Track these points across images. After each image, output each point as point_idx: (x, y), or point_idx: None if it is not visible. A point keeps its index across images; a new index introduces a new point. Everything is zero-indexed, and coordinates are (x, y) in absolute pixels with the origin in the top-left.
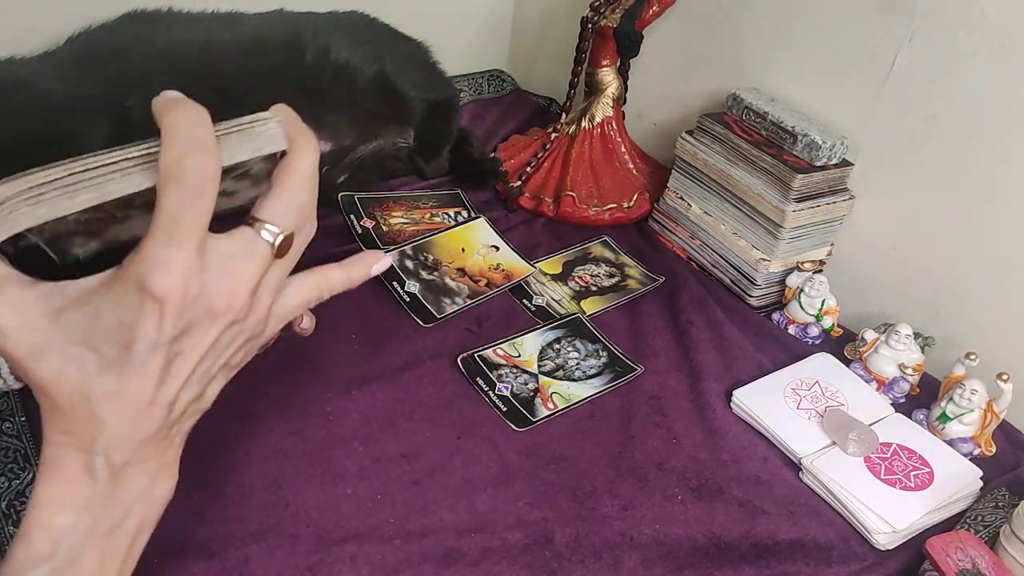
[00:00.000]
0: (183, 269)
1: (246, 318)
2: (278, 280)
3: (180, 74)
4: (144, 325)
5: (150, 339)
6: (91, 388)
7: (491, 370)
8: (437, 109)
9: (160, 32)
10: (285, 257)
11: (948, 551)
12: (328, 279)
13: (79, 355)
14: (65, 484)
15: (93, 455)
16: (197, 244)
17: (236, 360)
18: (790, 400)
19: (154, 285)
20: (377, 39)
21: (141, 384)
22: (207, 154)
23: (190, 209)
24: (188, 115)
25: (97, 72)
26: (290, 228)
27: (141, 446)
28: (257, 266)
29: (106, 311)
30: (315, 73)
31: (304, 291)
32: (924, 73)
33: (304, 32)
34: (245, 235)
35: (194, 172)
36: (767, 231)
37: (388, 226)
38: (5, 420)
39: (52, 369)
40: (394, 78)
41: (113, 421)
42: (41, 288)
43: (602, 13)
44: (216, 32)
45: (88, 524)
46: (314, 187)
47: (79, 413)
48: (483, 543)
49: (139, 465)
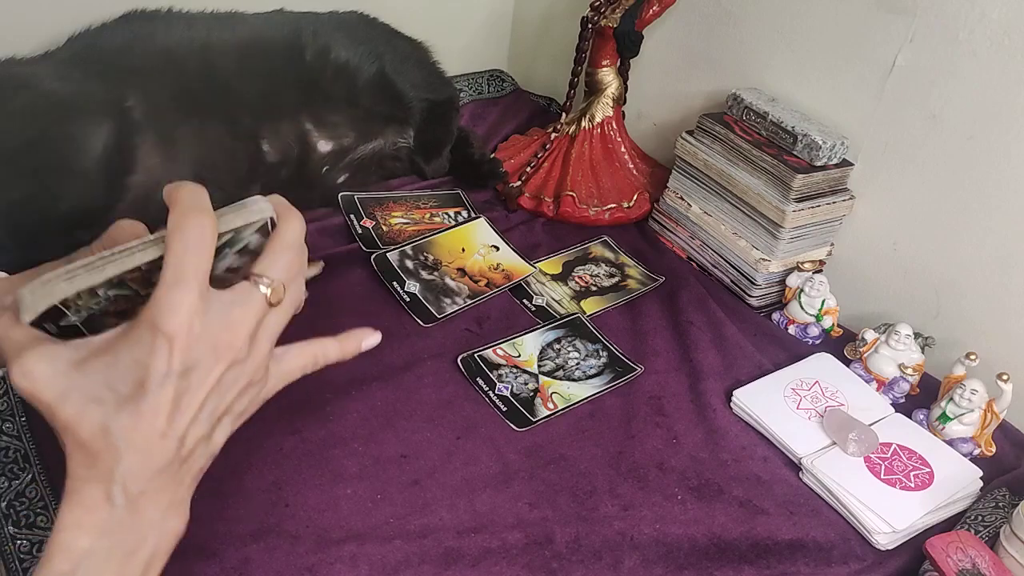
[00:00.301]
0: (189, 309)
1: (246, 360)
2: (274, 328)
3: (180, 74)
4: (156, 360)
5: (161, 372)
6: (110, 424)
7: (491, 370)
8: (437, 109)
9: (160, 32)
10: (279, 307)
11: (948, 551)
12: (324, 349)
13: (100, 395)
14: (85, 511)
15: (112, 484)
16: (200, 287)
17: (240, 406)
18: (790, 400)
19: (164, 322)
20: (377, 39)
21: (154, 417)
22: (205, 214)
23: (192, 258)
24: (189, 188)
25: (97, 72)
26: (281, 281)
27: (155, 477)
28: (254, 312)
29: (123, 353)
30: (315, 73)
31: (303, 356)
32: (924, 73)
33: (304, 32)
34: (243, 287)
35: (194, 227)
36: (767, 231)
37: (388, 226)
38: (5, 420)
39: (75, 409)
40: (394, 78)
41: (129, 453)
42: (69, 344)
43: (602, 13)
44: (216, 32)
45: (106, 547)
46: (301, 252)
47: (99, 447)
48: (483, 543)
49: (153, 497)
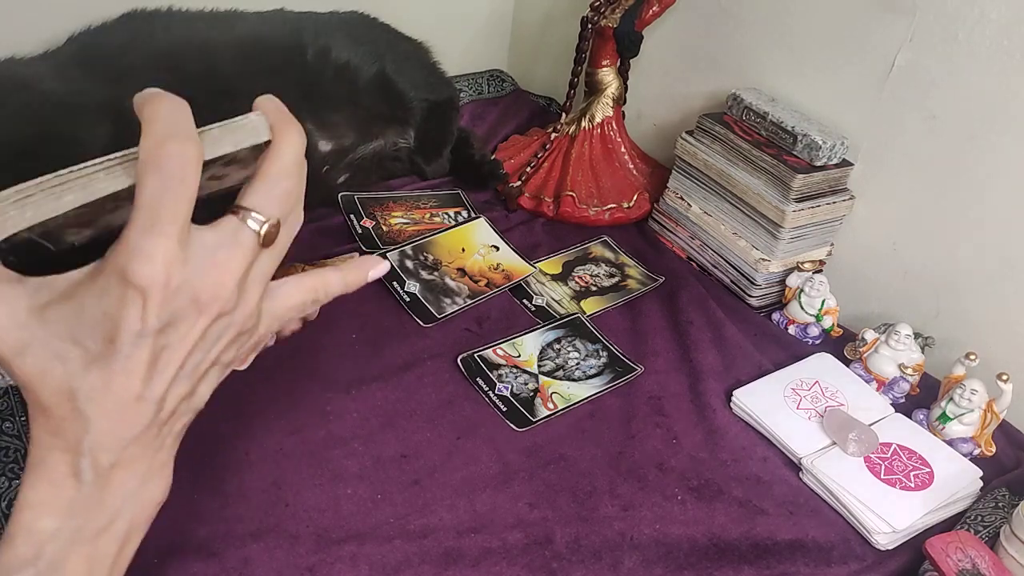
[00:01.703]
0: (165, 258)
1: (234, 310)
2: (267, 271)
3: (180, 74)
4: (127, 316)
5: (134, 330)
6: (76, 385)
7: (491, 370)
8: (437, 109)
9: (160, 32)
10: (272, 247)
11: (948, 551)
12: (325, 281)
13: (63, 351)
14: (50, 487)
15: (79, 456)
16: (179, 232)
17: (228, 357)
18: (790, 400)
19: (135, 274)
20: (377, 39)
21: (127, 379)
22: (187, 141)
23: (171, 197)
24: (167, 105)
25: (97, 72)
26: (275, 216)
27: (129, 446)
28: (243, 256)
29: (90, 304)
30: (315, 73)
31: (300, 292)
32: (924, 73)
33: (304, 32)
34: (229, 224)
35: (174, 159)
36: (767, 231)
37: (388, 226)
38: (5, 420)
39: (36, 366)
40: (394, 78)
41: (99, 419)
42: (28, 284)
43: (602, 13)
44: (216, 32)
45: (73, 528)
46: (300, 174)
47: (64, 412)
48: (483, 543)
49: (127, 467)
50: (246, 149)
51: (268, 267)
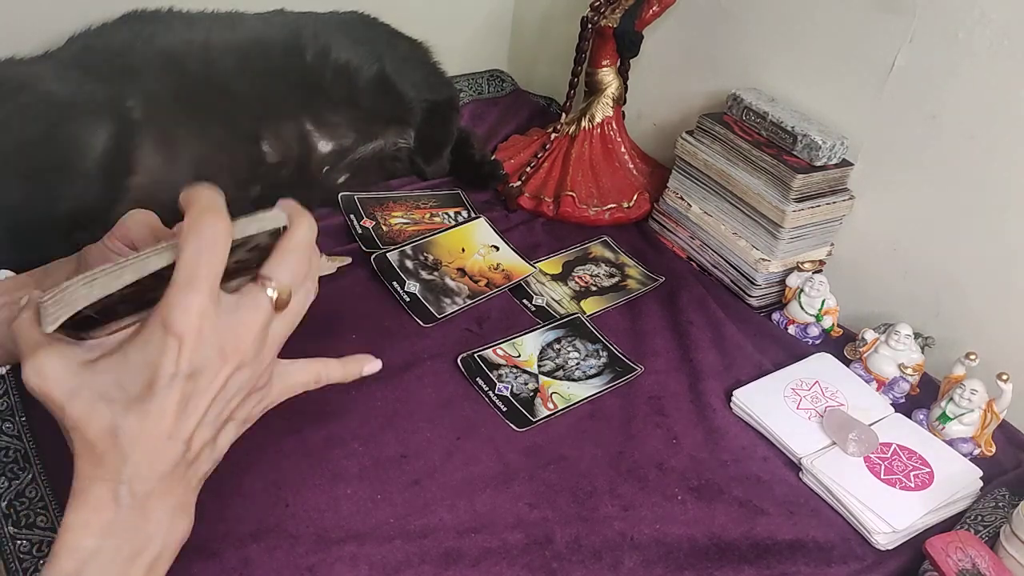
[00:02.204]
0: (199, 309)
1: (251, 364)
2: (280, 334)
3: (180, 74)
4: (165, 360)
5: (169, 372)
6: (118, 424)
7: (491, 370)
8: (437, 109)
9: (160, 32)
10: (286, 312)
11: (948, 551)
12: (327, 369)
13: (109, 395)
14: (91, 511)
15: (119, 484)
16: (210, 290)
17: (243, 414)
18: (790, 400)
19: (175, 323)
20: (377, 39)
21: (160, 418)
22: (220, 216)
23: (205, 260)
24: (206, 191)
25: (97, 72)
26: (287, 286)
27: (161, 480)
28: (261, 317)
29: (134, 354)
30: (315, 73)
31: (306, 372)
32: (924, 73)
33: (304, 32)
34: (250, 289)
35: (209, 229)
36: (767, 231)
37: (388, 226)
38: (5, 420)
39: (85, 408)
40: (394, 78)
41: (136, 454)
42: (83, 344)
43: (602, 13)
44: (216, 32)
45: (111, 548)
46: (311, 255)
47: (107, 447)
48: (483, 543)
49: (160, 498)
50: (268, 238)
51: (281, 330)
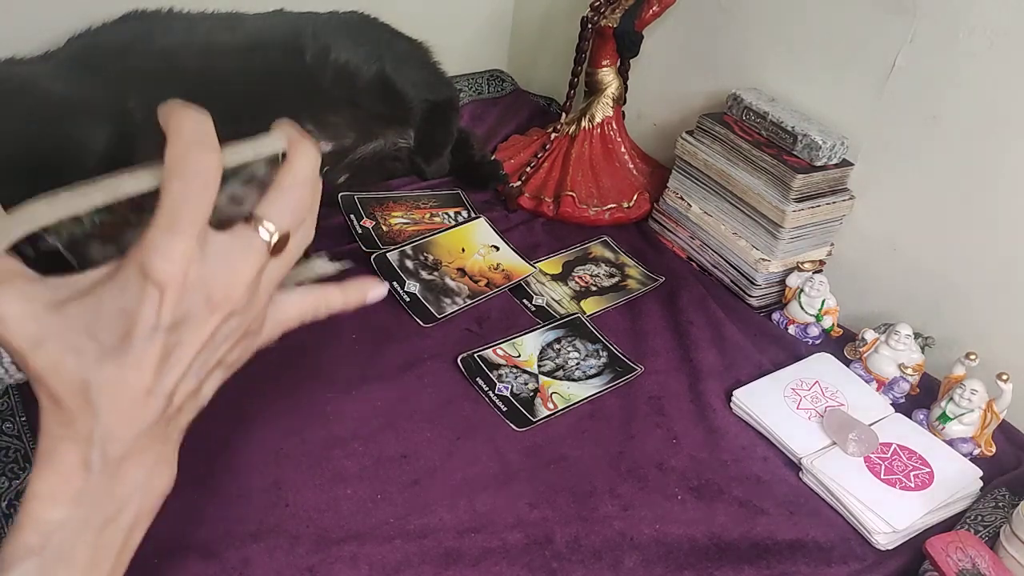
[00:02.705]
0: (183, 256)
1: (243, 312)
2: (275, 278)
3: (180, 74)
4: (144, 310)
5: (149, 324)
6: (89, 377)
7: (491, 370)
8: (437, 110)
9: (160, 32)
10: (282, 255)
11: (948, 551)
12: (326, 297)
13: (79, 344)
14: (59, 478)
15: (90, 447)
16: (197, 234)
17: (233, 357)
18: (790, 400)
19: (155, 270)
20: (377, 39)
21: (139, 373)
22: (208, 149)
23: (191, 200)
24: (192, 116)
25: (98, 73)
26: (286, 227)
27: (138, 439)
28: (254, 261)
29: (108, 299)
30: (315, 73)
31: (302, 304)
32: (924, 73)
33: (304, 32)
34: (243, 231)
35: (196, 166)
36: (767, 231)
37: (388, 226)
38: (5, 420)
39: (51, 358)
40: (394, 78)
41: (110, 412)
42: (48, 282)
43: (602, 13)
44: (216, 32)
45: (80, 519)
46: (313, 188)
47: (77, 403)
48: (483, 543)
49: (136, 458)
50: (265, 167)
51: (277, 274)
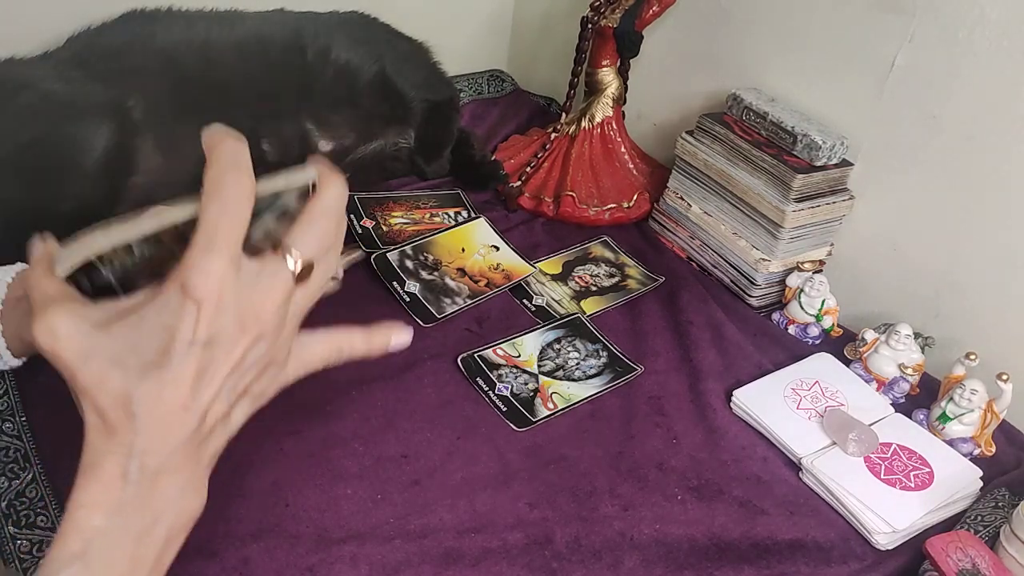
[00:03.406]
0: (219, 274)
1: (271, 338)
2: (301, 307)
3: (180, 74)
4: (182, 326)
5: (187, 339)
6: (131, 391)
7: (491, 370)
8: (438, 109)
9: (160, 32)
10: (306, 284)
11: (948, 551)
12: (350, 341)
13: (123, 360)
14: (101, 487)
15: (129, 459)
16: (232, 254)
17: (259, 388)
18: (790, 400)
19: (193, 287)
20: (377, 39)
21: (176, 387)
22: (243, 174)
23: (227, 222)
24: (230, 143)
25: (97, 72)
26: (310, 255)
27: (173, 454)
28: (282, 288)
29: (151, 317)
30: (315, 73)
31: (327, 344)
32: (924, 73)
33: (304, 32)
34: (272, 258)
35: (232, 189)
36: (767, 231)
37: (388, 226)
38: (5, 420)
39: (97, 373)
40: (394, 78)
41: (150, 425)
42: (97, 305)
43: (602, 13)
44: (216, 32)
45: (120, 527)
46: (340, 221)
47: (119, 416)
48: (483, 543)
49: (171, 474)
50: (295, 201)
51: (302, 304)
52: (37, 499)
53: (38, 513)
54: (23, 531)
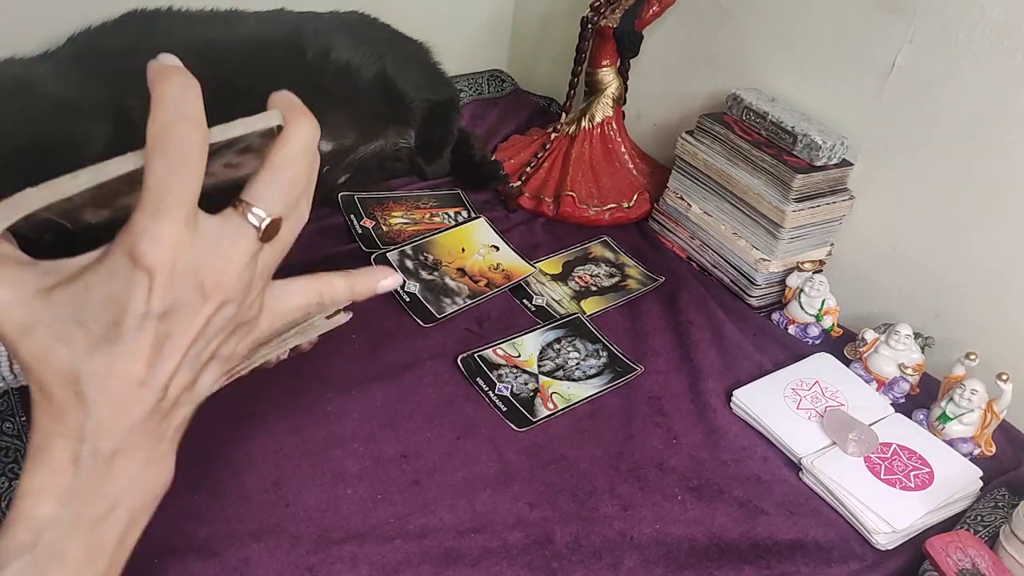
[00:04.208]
0: (172, 240)
1: (237, 301)
2: (269, 264)
3: None
4: (133, 298)
5: (139, 312)
6: (79, 367)
7: (491, 370)
8: (438, 110)
9: (160, 32)
10: (275, 241)
11: (948, 551)
12: (331, 286)
13: (68, 332)
14: (49, 474)
15: (80, 442)
16: (185, 216)
17: (228, 349)
18: (790, 400)
19: (143, 255)
20: (378, 39)
21: (131, 363)
22: (193, 125)
23: (176, 181)
24: (177, 86)
25: (97, 72)
26: (277, 211)
27: (131, 433)
28: (245, 248)
29: (96, 285)
30: (316, 73)
31: (304, 293)
32: (924, 73)
33: (305, 32)
34: (232, 216)
35: (178, 143)
36: (767, 231)
37: (388, 226)
38: (5, 420)
39: (40, 346)
40: (395, 78)
41: (102, 404)
42: (38, 267)
43: (602, 13)
44: (216, 31)
45: (71, 515)
46: (309, 165)
47: (66, 395)
48: (483, 543)
49: (128, 454)
50: (259, 137)
51: (271, 260)
52: None
53: None
54: None
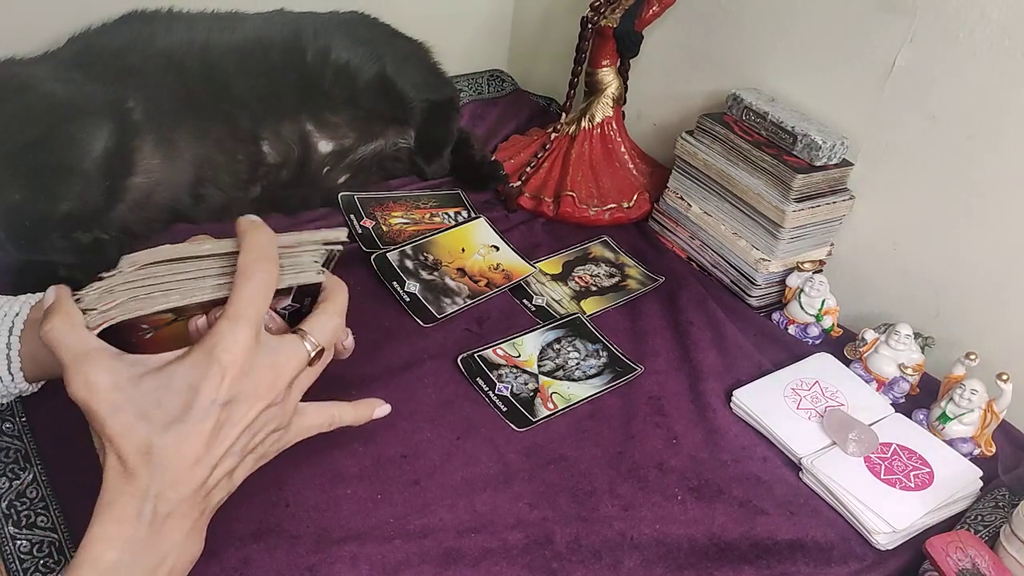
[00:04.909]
0: (244, 344)
1: (280, 405)
2: (307, 383)
3: (180, 75)
4: (207, 386)
5: (210, 398)
6: (154, 442)
7: (491, 370)
8: (438, 109)
9: (160, 32)
10: (315, 366)
11: (948, 551)
12: (340, 411)
13: (149, 413)
14: (115, 524)
15: (144, 502)
16: (256, 328)
17: (265, 448)
18: (790, 400)
19: (222, 353)
20: (377, 39)
21: (194, 441)
22: (272, 263)
23: (255, 302)
24: (265, 235)
25: (98, 73)
26: (324, 343)
27: (182, 501)
28: (296, 364)
29: (179, 376)
30: (316, 73)
31: (321, 415)
32: (924, 73)
33: (304, 32)
34: (292, 339)
35: (262, 275)
36: (767, 231)
37: (388, 226)
38: (5, 420)
39: (125, 423)
40: (395, 78)
41: (166, 473)
42: (127, 358)
43: (602, 13)
44: (216, 32)
45: (130, 563)
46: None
47: (139, 463)
48: (483, 543)
49: (178, 519)
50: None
51: (308, 378)
52: (37, 499)
53: (38, 513)
54: (23, 531)
